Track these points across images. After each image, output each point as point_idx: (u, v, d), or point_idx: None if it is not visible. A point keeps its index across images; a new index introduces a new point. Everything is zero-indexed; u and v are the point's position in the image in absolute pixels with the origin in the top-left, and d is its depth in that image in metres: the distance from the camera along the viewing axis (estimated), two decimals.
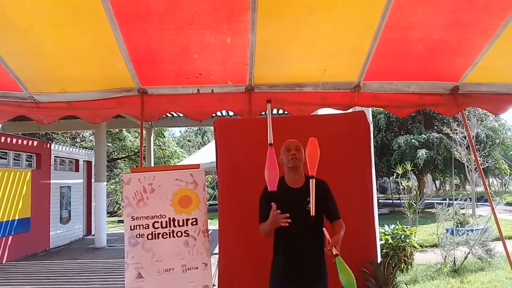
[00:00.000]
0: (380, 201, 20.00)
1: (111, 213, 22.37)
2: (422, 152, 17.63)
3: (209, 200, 14.33)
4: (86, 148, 17.86)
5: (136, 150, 23.79)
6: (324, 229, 2.99)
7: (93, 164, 14.49)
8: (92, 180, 14.41)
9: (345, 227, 3.16)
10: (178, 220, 4.20)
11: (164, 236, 4.13)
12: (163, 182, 4.24)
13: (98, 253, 10.82)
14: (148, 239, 4.08)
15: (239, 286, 4.31)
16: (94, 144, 14.89)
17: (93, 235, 12.78)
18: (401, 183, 11.56)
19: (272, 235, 3.20)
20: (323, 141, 4.51)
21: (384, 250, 7.00)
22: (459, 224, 9.08)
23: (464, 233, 8.13)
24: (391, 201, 21.47)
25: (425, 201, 14.90)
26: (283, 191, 3.10)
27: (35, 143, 11.70)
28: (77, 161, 14.28)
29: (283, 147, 3.26)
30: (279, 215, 2.86)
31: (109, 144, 23.07)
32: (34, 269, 8.91)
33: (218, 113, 10.36)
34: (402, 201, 11.87)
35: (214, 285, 4.53)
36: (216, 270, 4.63)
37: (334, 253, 2.81)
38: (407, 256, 7.39)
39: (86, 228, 14.62)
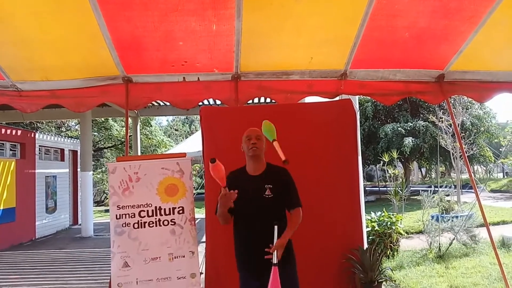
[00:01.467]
0: (366, 188, 20.17)
1: (98, 203, 22.24)
2: (408, 140, 17.78)
3: (197, 188, 14.29)
4: (71, 137, 17.67)
5: (122, 139, 23.60)
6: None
7: (78, 153, 14.34)
8: (78, 169, 14.28)
9: (301, 218, 3.16)
10: (165, 209, 4.18)
11: (151, 225, 4.12)
12: (148, 171, 4.21)
13: (85, 243, 10.76)
14: (134, 228, 4.06)
15: (226, 274, 4.32)
16: (79, 133, 14.72)
17: (80, 224, 12.70)
18: (387, 170, 11.65)
19: (230, 222, 3.24)
20: (309, 129, 4.54)
21: (370, 237, 7.06)
22: (444, 211, 9.19)
23: (449, 220, 8.23)
24: (377, 188, 21.68)
25: (411, 188, 15.03)
26: (243, 179, 3.14)
27: (19, 132, 11.52)
28: (62, 150, 14.12)
29: (244, 136, 3.27)
30: (228, 193, 2.90)
31: (95, 133, 22.84)
32: (20, 259, 8.84)
33: (205, 102, 10.30)
34: (388, 188, 11.97)
35: (201, 273, 4.54)
36: (203, 258, 4.63)
37: (273, 261, 2.78)
38: (393, 242, 7.47)
39: (73, 218, 14.51)
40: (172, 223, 4.19)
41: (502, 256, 5.53)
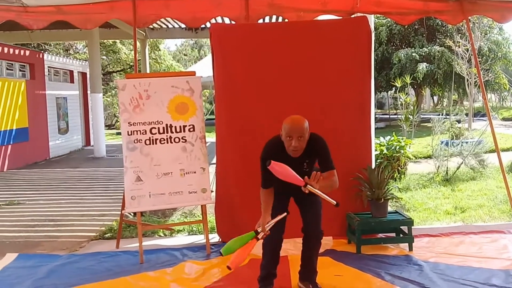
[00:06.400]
0: (376, 116, 20.04)
1: (109, 126, 22.51)
2: (422, 66, 17.35)
3: (206, 114, 14.32)
4: (80, 60, 17.51)
5: (131, 64, 23.31)
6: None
7: (88, 75, 14.27)
8: (88, 92, 14.28)
9: (337, 180, 3.08)
10: (175, 127, 4.23)
11: (162, 142, 4.18)
12: (158, 89, 4.20)
13: (98, 162, 11.00)
14: (146, 144, 4.12)
15: (235, 190, 4.43)
16: (87, 56, 14.54)
17: (92, 145, 12.91)
18: (399, 97, 11.47)
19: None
20: (321, 47, 4.43)
21: (378, 160, 7.11)
22: (454, 137, 9.14)
23: (458, 144, 8.21)
24: (388, 116, 21.55)
25: (422, 116, 14.84)
26: (283, 159, 2.84)
27: (28, 52, 11.40)
28: (71, 72, 14.04)
29: (285, 130, 2.91)
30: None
31: (103, 57, 22.55)
32: (36, 176, 9.10)
33: (213, 21, 10.00)
34: (399, 116, 11.87)
35: (212, 191, 4.66)
36: (214, 177, 4.73)
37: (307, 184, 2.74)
38: (401, 166, 7.52)
39: (85, 139, 14.74)
40: (183, 141, 4.25)
41: (509, 180, 5.55)
